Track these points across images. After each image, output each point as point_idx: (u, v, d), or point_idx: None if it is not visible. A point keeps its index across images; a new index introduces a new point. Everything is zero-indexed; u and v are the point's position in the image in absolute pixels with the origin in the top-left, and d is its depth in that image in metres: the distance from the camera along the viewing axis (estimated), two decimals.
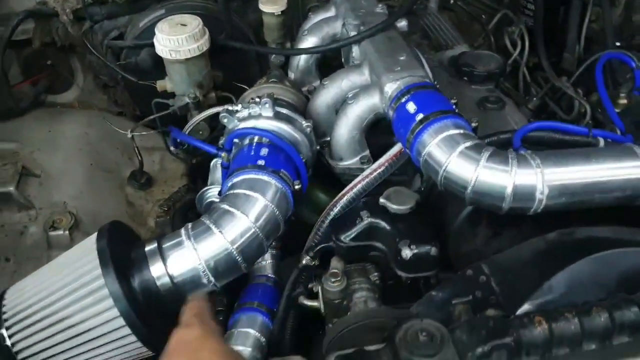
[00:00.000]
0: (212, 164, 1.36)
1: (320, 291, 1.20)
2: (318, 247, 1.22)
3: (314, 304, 1.22)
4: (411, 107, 1.14)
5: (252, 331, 1.20)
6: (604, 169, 1.04)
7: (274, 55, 1.67)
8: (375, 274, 1.23)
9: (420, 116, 1.11)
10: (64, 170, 1.54)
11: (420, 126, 1.10)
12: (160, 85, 1.63)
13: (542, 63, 1.67)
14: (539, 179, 1.01)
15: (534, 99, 1.58)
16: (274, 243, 1.42)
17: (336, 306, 1.19)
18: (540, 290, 0.97)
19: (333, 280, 1.17)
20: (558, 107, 1.59)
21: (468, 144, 1.05)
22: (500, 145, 1.13)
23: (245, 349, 1.17)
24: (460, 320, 0.91)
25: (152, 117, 1.57)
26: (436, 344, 0.83)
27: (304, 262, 1.22)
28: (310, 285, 1.24)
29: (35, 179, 1.48)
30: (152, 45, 1.56)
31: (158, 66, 1.63)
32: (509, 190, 1.01)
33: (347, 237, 1.20)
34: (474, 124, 1.14)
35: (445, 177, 1.07)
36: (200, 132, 1.57)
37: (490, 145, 1.07)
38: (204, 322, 0.85)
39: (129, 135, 1.59)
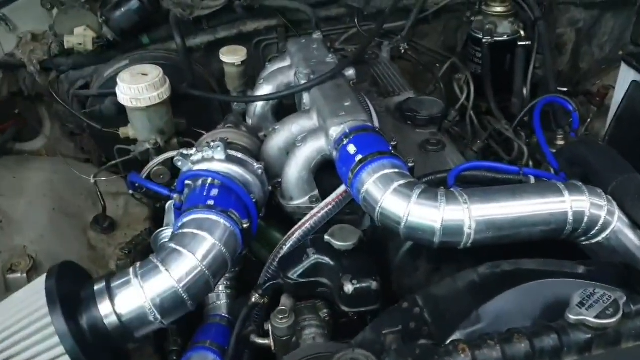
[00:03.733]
0: (167, 206, 1.41)
1: (270, 328, 1.24)
2: (267, 285, 1.26)
3: (265, 341, 1.25)
4: (352, 148, 1.21)
5: None
6: (529, 204, 1.10)
7: (236, 103, 1.75)
8: (325, 310, 1.27)
9: (359, 157, 1.18)
10: (26, 215, 1.58)
11: (360, 166, 1.17)
12: (122, 132, 1.69)
13: (491, 107, 1.76)
14: (466, 214, 1.07)
15: (478, 141, 1.66)
16: (229, 283, 1.47)
17: (285, 343, 1.22)
18: (468, 320, 1.01)
19: (281, 317, 1.20)
20: (500, 148, 1.67)
21: (402, 182, 1.11)
22: (437, 185, 1.19)
23: None
24: (390, 349, 0.95)
25: (114, 162, 1.62)
26: None
27: (253, 299, 1.25)
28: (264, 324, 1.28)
29: None
30: (116, 94, 1.63)
31: (122, 114, 1.69)
32: (438, 225, 1.07)
33: (294, 274, 1.24)
34: (410, 164, 1.20)
35: (381, 214, 1.12)
36: (161, 177, 1.62)
37: (426, 184, 1.13)
38: None
39: (92, 181, 1.63)
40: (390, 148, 1.21)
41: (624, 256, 1.16)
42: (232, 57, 1.77)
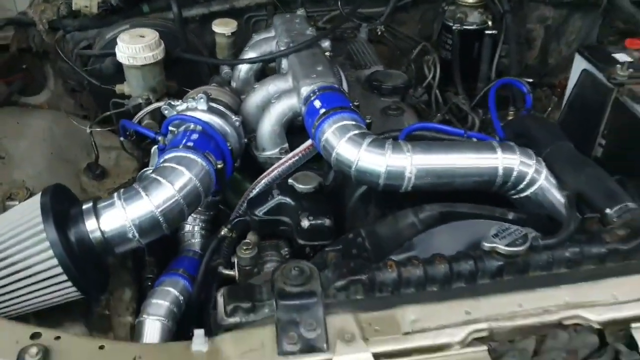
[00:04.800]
0: (152, 150, 1.57)
1: (235, 260, 1.40)
2: (235, 220, 1.43)
3: (231, 272, 1.42)
4: (317, 103, 1.38)
5: (172, 290, 1.40)
6: (464, 157, 1.27)
7: (225, 69, 1.92)
8: (286, 249, 1.44)
9: (323, 110, 1.35)
10: (26, 155, 1.74)
11: (322, 118, 1.34)
12: (119, 88, 1.85)
13: (457, 88, 1.93)
14: (408, 161, 1.24)
15: (438, 114, 1.83)
16: (203, 225, 1.64)
17: (248, 272, 1.39)
18: (401, 247, 1.19)
19: (245, 248, 1.37)
20: (456, 120, 1.84)
21: (356, 132, 1.28)
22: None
23: (164, 303, 1.36)
24: (330, 263, 1.12)
25: (108, 113, 1.78)
26: (306, 277, 1.03)
27: (222, 232, 1.42)
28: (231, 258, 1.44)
29: (1, 160, 1.67)
30: (115, 55, 1.80)
31: (119, 73, 1.86)
32: (382, 169, 1.24)
33: (260, 212, 1.41)
34: (367, 121, 1.37)
35: (336, 159, 1.29)
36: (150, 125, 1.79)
37: (377, 135, 1.30)
38: None
39: (88, 131, 1.80)
40: (351, 105, 1.37)
41: (549, 210, 1.33)
42: (223, 28, 1.94)
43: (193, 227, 1.60)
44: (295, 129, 1.58)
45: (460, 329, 1.01)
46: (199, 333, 0.98)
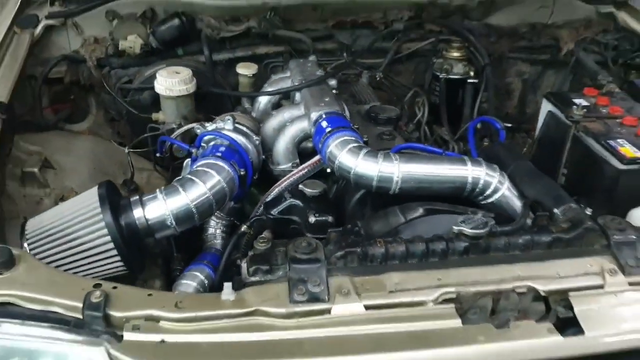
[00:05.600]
0: (185, 163, 1.88)
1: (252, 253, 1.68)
2: (253, 219, 1.71)
3: None
4: (324, 124, 1.70)
5: (199, 274, 1.67)
6: (441, 168, 1.58)
7: (246, 105, 2.25)
8: None
9: (329, 129, 1.67)
10: (73, 168, 2.04)
11: (328, 135, 1.65)
12: (155, 116, 2.18)
13: (443, 125, 2.26)
14: (396, 168, 1.55)
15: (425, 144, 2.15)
16: (225, 228, 1.92)
17: None
18: (389, 233, 1.47)
19: (261, 242, 1.64)
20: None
21: (355, 144, 1.60)
22: None
23: (192, 283, 1.63)
24: (330, 240, 1.40)
25: (146, 135, 2.10)
26: (312, 248, 1.32)
27: (242, 229, 1.70)
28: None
29: (52, 170, 1.97)
30: (153, 89, 2.13)
31: (154, 105, 2.19)
32: (375, 174, 1.55)
33: (274, 212, 1.70)
34: (365, 139, 1.69)
35: (339, 167, 1.60)
36: (180, 152, 2.10)
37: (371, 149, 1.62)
38: None
39: (126, 151, 2.11)
40: (351, 126, 1.69)
41: (511, 215, 1.62)
42: (246, 70, 2.28)
43: (215, 230, 1.88)
44: (305, 154, 1.89)
45: (433, 290, 1.28)
46: (227, 285, 1.26)
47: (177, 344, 1.18)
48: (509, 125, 2.43)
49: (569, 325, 1.24)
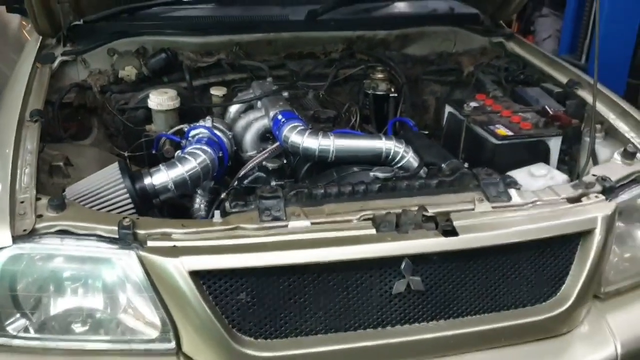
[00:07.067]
0: (176, 154, 2.48)
1: None
2: (230, 189, 2.31)
3: None
4: (280, 117, 2.36)
5: None
6: (363, 142, 2.26)
7: None
8: None
9: (283, 120, 2.33)
10: (85, 167, 2.61)
11: (282, 124, 2.31)
12: (148, 127, 2.79)
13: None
14: (331, 142, 2.21)
15: None
16: (206, 204, 2.51)
17: None
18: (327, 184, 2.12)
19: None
20: None
21: (302, 128, 2.26)
22: None
23: None
24: None
25: (141, 140, 2.71)
26: (273, 189, 1.93)
27: (222, 196, 2.30)
28: None
29: (71, 167, 2.54)
30: (145, 108, 2.76)
31: (147, 120, 2.81)
32: (316, 146, 2.20)
33: (246, 182, 2.32)
34: (310, 128, 2.35)
35: (291, 145, 2.26)
36: (169, 152, 2.71)
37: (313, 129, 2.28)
38: None
39: (126, 154, 2.71)
40: (299, 117, 2.36)
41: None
42: (217, 91, 2.92)
43: (200, 205, 2.47)
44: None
45: (356, 214, 1.88)
46: (217, 212, 1.87)
47: (184, 247, 1.76)
48: (426, 132, 3.12)
49: (449, 233, 1.87)
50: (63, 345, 1.78)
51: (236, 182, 2.38)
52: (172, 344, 1.77)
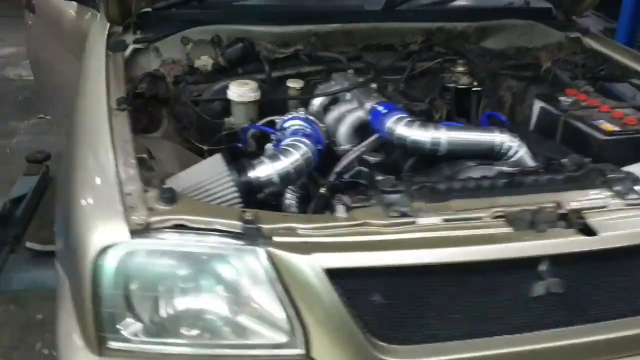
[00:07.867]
0: (266, 146, 2.35)
1: None
2: (330, 184, 2.18)
3: None
4: (380, 108, 2.24)
5: None
6: (475, 134, 2.14)
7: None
8: None
9: (385, 111, 2.20)
10: (164, 160, 2.48)
11: (385, 115, 2.18)
12: (227, 120, 2.66)
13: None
14: (443, 135, 2.08)
15: None
16: (298, 200, 2.38)
17: None
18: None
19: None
20: None
21: (409, 119, 2.13)
22: None
23: None
24: None
25: (224, 132, 2.57)
26: (395, 184, 1.81)
27: (321, 191, 2.17)
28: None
29: (154, 160, 2.42)
30: (222, 99, 2.62)
31: (224, 112, 2.68)
32: (429, 139, 2.07)
33: (346, 176, 2.19)
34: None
35: (398, 137, 2.13)
36: (251, 147, 2.58)
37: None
38: None
39: (206, 148, 2.58)
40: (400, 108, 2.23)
41: None
42: (294, 84, 2.79)
43: (291, 201, 2.34)
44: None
45: (486, 210, 1.72)
46: (339, 207, 1.73)
47: (316, 243, 1.63)
48: None
49: (585, 231, 1.73)
50: (181, 351, 1.65)
51: (334, 177, 2.24)
52: (301, 350, 1.63)
